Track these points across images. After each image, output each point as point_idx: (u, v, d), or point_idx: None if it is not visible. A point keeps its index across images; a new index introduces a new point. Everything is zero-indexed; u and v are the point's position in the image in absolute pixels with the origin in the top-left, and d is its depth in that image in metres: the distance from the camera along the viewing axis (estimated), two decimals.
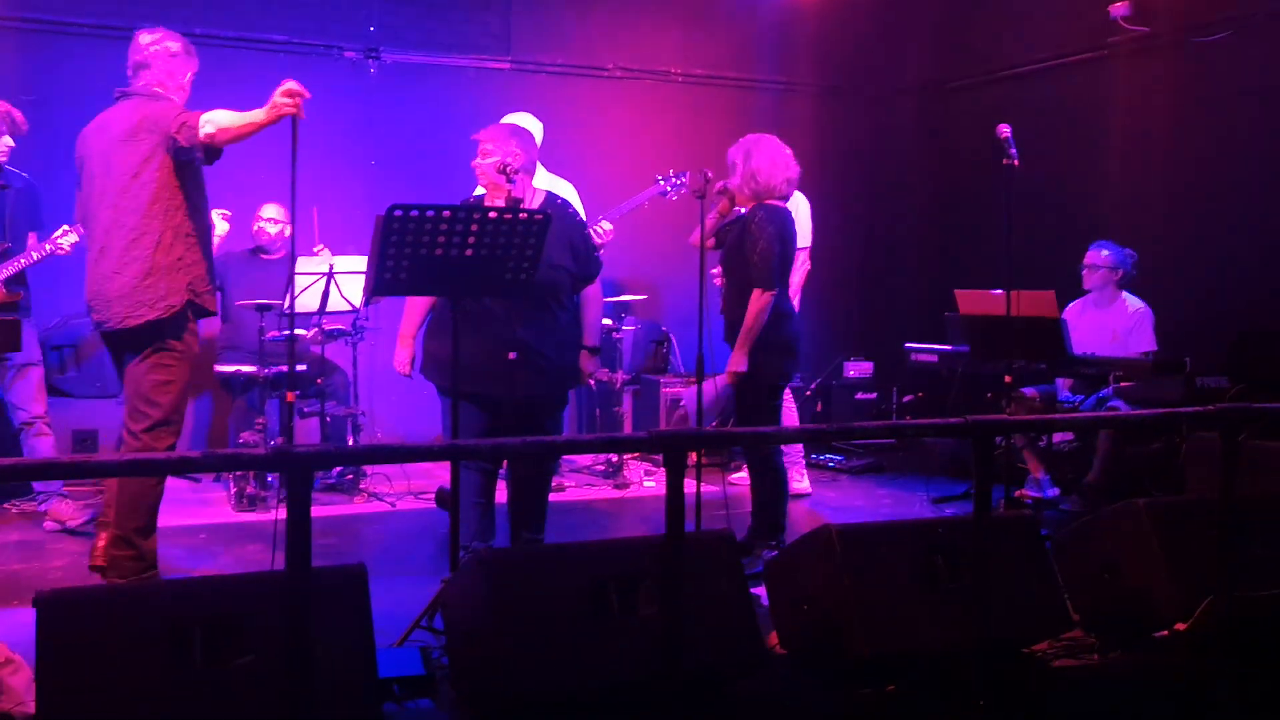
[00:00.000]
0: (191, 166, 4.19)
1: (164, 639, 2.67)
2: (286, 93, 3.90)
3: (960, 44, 8.53)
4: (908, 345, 6.96)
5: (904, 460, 7.44)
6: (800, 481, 6.42)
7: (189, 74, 4.35)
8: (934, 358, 6.70)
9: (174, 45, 4.32)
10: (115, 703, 2.60)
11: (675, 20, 8.29)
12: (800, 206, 6.24)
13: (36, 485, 5.55)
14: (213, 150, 4.10)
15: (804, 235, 6.09)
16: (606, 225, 5.70)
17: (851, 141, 8.86)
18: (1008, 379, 5.47)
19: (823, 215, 6.54)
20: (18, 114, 5.23)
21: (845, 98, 8.89)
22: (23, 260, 5.22)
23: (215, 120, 4.03)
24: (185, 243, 4.19)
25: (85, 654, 2.61)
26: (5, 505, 5.69)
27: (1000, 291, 5.50)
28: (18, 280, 5.25)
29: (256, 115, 3.97)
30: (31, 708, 2.90)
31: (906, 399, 7.87)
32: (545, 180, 5.74)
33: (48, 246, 5.26)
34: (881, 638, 3.36)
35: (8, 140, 5.19)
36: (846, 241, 8.63)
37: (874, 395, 7.89)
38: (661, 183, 6.08)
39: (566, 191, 5.84)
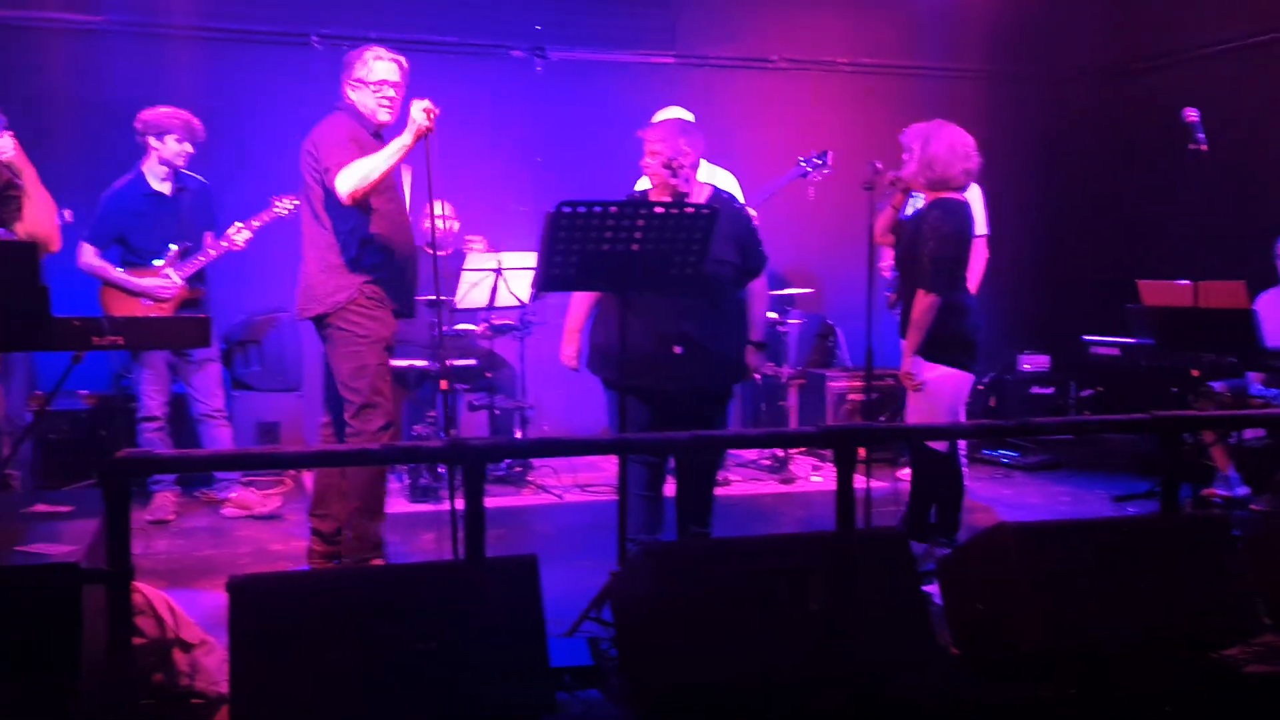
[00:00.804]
0: None
1: (348, 623, 2.76)
2: (426, 110, 4.04)
3: (1140, 24, 8.14)
4: (1086, 338, 6.70)
5: (1082, 457, 7.15)
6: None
7: (368, 81, 4.37)
8: (1115, 351, 6.43)
9: (365, 57, 4.38)
10: (302, 683, 2.70)
11: (842, 9, 8.16)
12: (973, 195, 6.07)
13: (218, 474, 5.82)
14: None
15: (979, 224, 5.94)
16: (750, 211, 5.60)
17: (1025, 127, 8.56)
18: (1195, 373, 5.21)
19: (996, 204, 6.34)
20: (196, 122, 5.51)
21: (1018, 83, 8.59)
22: (201, 258, 5.50)
23: (348, 181, 4.14)
24: (363, 246, 4.34)
25: (275, 636, 2.72)
26: (196, 493, 5.99)
27: (1186, 282, 5.24)
28: (197, 278, 5.54)
29: (399, 143, 4.11)
30: (224, 687, 3.03)
31: (1085, 393, 7.57)
32: (705, 171, 5.71)
33: (223, 243, 5.53)
34: (1060, 638, 3.24)
35: (187, 147, 5.47)
36: (1021, 231, 8.34)
37: (1050, 390, 7.61)
38: (802, 164, 5.96)
39: (727, 181, 5.80)
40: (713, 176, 5.74)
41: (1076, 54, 8.50)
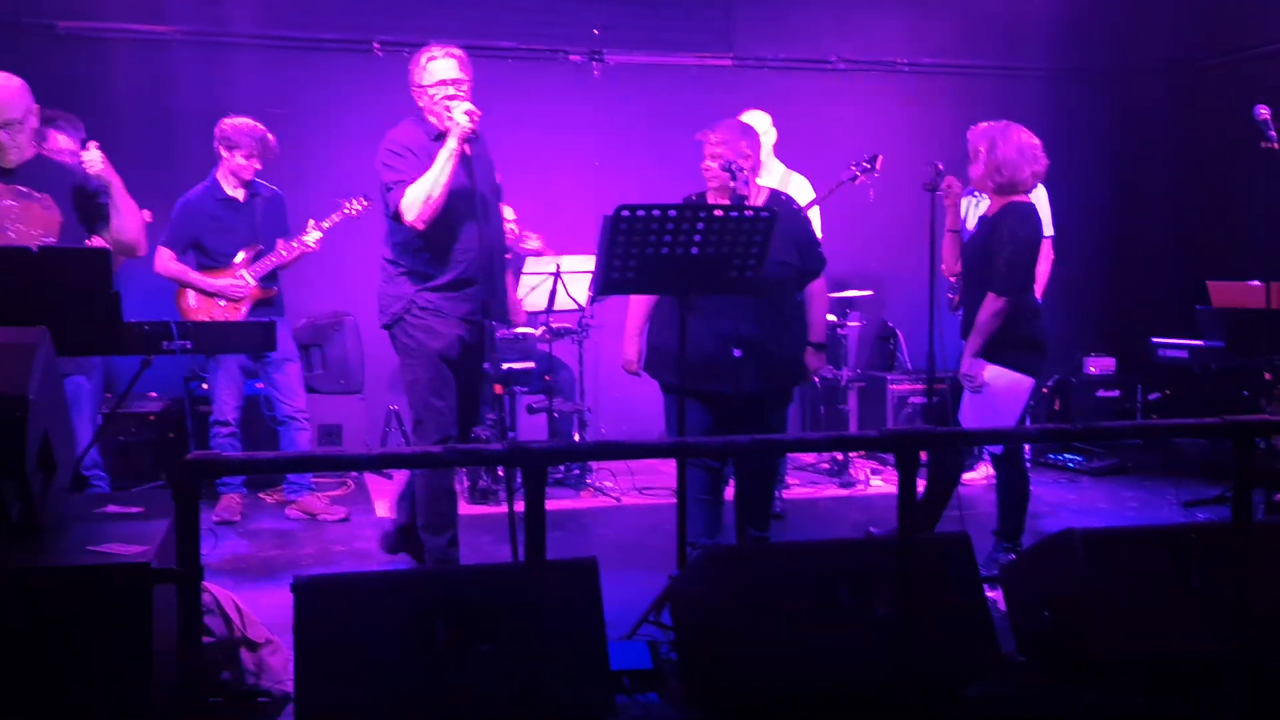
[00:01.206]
0: None
1: (410, 624, 2.79)
2: (467, 113, 4.09)
3: (1209, 20, 7.98)
4: (1155, 340, 6.58)
5: (1150, 461, 7.01)
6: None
7: (424, 85, 4.31)
8: (1183, 353, 6.31)
9: (420, 61, 4.33)
10: (366, 682, 2.74)
11: (900, 8, 8.08)
12: (1038, 196, 6.01)
13: (289, 476, 5.90)
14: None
15: (1045, 225, 5.92)
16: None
17: (1090, 126, 8.43)
18: (1268, 376, 5.10)
19: (1060, 204, 6.25)
20: (270, 139, 5.62)
21: (1083, 80, 8.46)
22: (274, 259, 5.58)
23: (412, 209, 4.14)
24: (415, 256, 4.32)
25: (339, 636, 2.76)
26: (260, 494, 6.08)
27: (1258, 283, 5.13)
28: (270, 278, 5.64)
29: (446, 150, 4.11)
30: (289, 686, 3.08)
31: (1152, 397, 7.43)
32: (778, 176, 5.69)
33: (295, 244, 5.62)
34: (1130, 646, 3.20)
35: (254, 164, 5.58)
36: (1086, 232, 8.21)
37: (1116, 393, 7.48)
38: (853, 168, 5.93)
39: (800, 186, 5.78)
40: (787, 180, 5.72)
41: (1143, 50, 8.35)
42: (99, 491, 4.65)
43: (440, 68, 4.29)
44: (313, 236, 5.63)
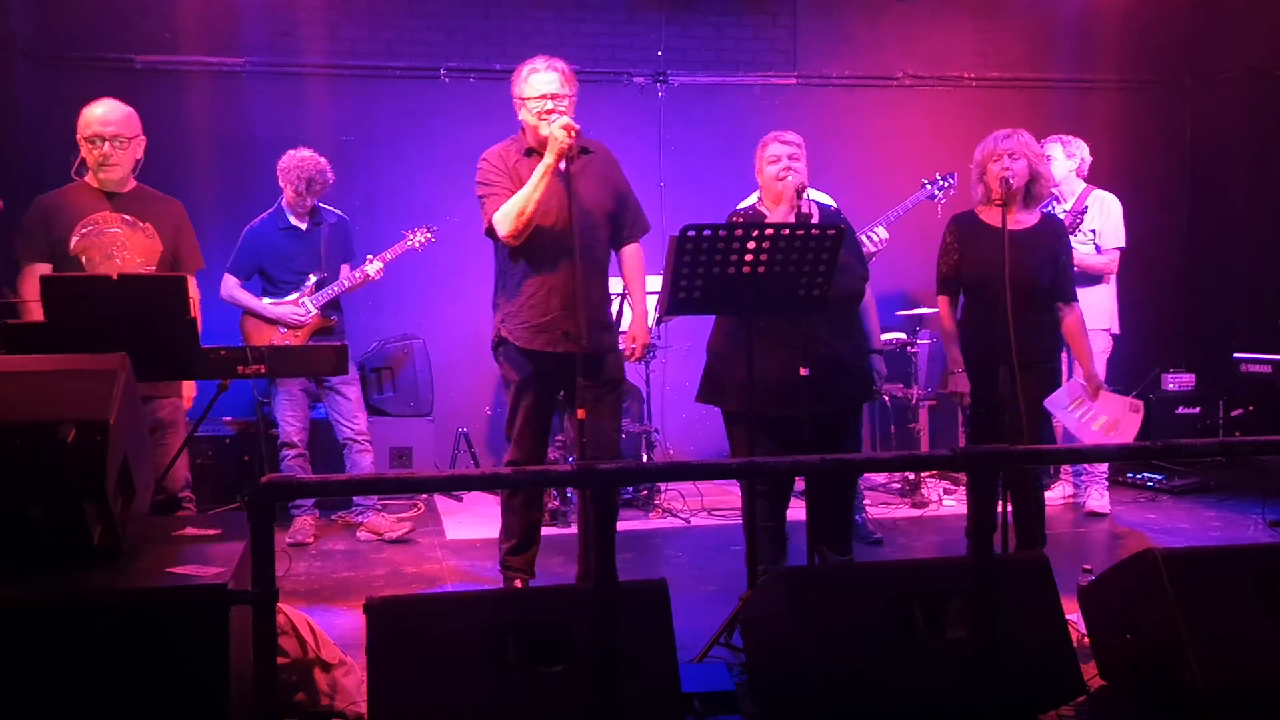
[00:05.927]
0: None
1: (482, 645, 2.79)
2: (564, 127, 4.00)
3: None
4: (1238, 355, 6.42)
5: (1234, 480, 6.83)
6: (1100, 500, 6.12)
7: (524, 98, 4.25)
8: (1268, 368, 6.15)
9: (521, 73, 4.28)
10: (437, 703, 2.74)
11: (968, 22, 7.99)
12: (1111, 206, 5.92)
13: (356, 498, 5.96)
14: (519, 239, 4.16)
15: (1118, 236, 5.93)
16: (882, 233, 5.47)
17: (1166, 137, 8.26)
18: None
19: (1136, 216, 6.14)
20: (322, 172, 5.56)
21: (1156, 90, 8.30)
22: (335, 288, 5.66)
23: (504, 224, 4.10)
24: (507, 280, 4.29)
25: (410, 657, 2.77)
26: (332, 516, 6.14)
27: None
28: (332, 306, 5.71)
29: (543, 165, 4.04)
30: (363, 707, 3.10)
31: (1235, 413, 7.24)
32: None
33: (357, 274, 5.72)
34: (1221, 669, 3.10)
35: (306, 201, 5.58)
36: (1164, 245, 8.05)
37: (1197, 409, 7.31)
38: (928, 186, 5.84)
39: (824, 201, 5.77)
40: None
41: (1218, 59, 8.17)
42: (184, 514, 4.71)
43: (541, 80, 4.19)
44: (374, 268, 5.72)
